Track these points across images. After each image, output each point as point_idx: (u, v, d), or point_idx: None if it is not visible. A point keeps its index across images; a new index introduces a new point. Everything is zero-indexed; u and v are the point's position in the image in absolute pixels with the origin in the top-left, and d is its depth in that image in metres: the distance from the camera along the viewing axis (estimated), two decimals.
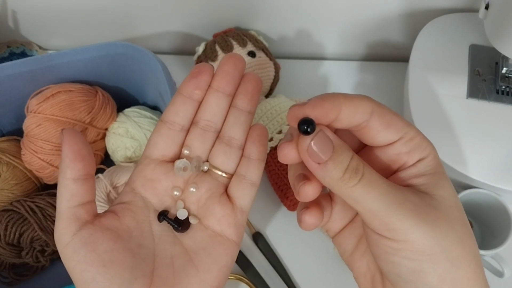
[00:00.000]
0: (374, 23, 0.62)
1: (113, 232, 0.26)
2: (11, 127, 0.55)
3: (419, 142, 0.24)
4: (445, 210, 0.23)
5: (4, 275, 0.51)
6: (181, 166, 0.28)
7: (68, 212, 0.25)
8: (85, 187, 0.26)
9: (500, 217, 0.49)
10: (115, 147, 0.53)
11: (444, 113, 0.51)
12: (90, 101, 0.51)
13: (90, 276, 0.24)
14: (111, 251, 0.25)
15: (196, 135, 0.29)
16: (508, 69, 0.52)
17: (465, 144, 0.49)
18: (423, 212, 0.22)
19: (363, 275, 0.27)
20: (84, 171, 0.25)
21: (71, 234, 0.25)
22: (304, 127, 0.22)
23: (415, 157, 0.24)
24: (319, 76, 0.67)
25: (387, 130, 0.23)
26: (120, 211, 0.27)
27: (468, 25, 0.56)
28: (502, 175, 0.48)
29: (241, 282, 0.52)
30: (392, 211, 0.22)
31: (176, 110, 0.29)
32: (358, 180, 0.22)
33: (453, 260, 0.22)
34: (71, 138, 0.25)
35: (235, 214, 0.29)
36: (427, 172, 0.24)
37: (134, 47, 0.49)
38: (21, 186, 0.52)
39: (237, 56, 0.29)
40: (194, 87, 0.29)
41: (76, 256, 0.25)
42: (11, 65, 0.48)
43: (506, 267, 0.48)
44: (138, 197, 0.28)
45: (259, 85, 0.30)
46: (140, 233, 0.27)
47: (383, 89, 0.65)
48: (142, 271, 0.26)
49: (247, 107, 0.29)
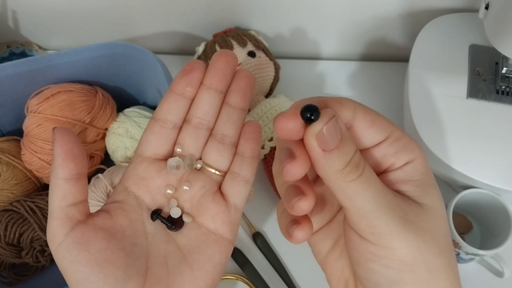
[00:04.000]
0: (374, 23, 0.62)
1: (106, 231, 0.26)
2: (11, 127, 0.55)
3: (407, 142, 0.23)
4: (431, 220, 0.22)
5: (4, 275, 0.51)
6: (174, 164, 0.28)
7: (60, 212, 0.25)
8: (77, 187, 0.25)
9: (500, 217, 0.49)
10: (115, 147, 0.53)
11: (444, 113, 0.51)
12: (90, 101, 0.51)
13: (84, 276, 0.24)
14: (104, 251, 0.25)
15: (188, 133, 0.29)
16: (508, 69, 0.52)
17: (465, 144, 0.49)
18: (410, 221, 0.22)
19: (336, 279, 0.26)
20: (76, 171, 0.25)
21: (63, 234, 0.25)
22: (307, 114, 0.20)
23: (402, 159, 0.23)
24: (319, 76, 0.67)
25: (372, 129, 0.23)
26: (113, 210, 0.27)
27: (468, 25, 0.56)
28: (502, 175, 0.48)
29: (240, 282, 0.52)
30: (383, 214, 0.21)
31: (168, 108, 0.29)
32: (358, 176, 0.21)
33: (432, 272, 0.22)
34: (62, 137, 0.25)
35: (229, 212, 0.29)
36: (415, 177, 0.23)
37: (134, 47, 0.49)
38: (21, 186, 0.52)
39: (229, 52, 0.29)
40: (186, 85, 0.28)
41: (69, 256, 0.24)
42: (11, 65, 0.48)
43: (506, 267, 0.48)
44: (131, 196, 0.28)
45: (252, 82, 0.29)
46: (133, 232, 0.27)
47: (383, 89, 0.65)
48: (136, 270, 0.26)
49: (240, 104, 0.29)
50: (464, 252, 0.48)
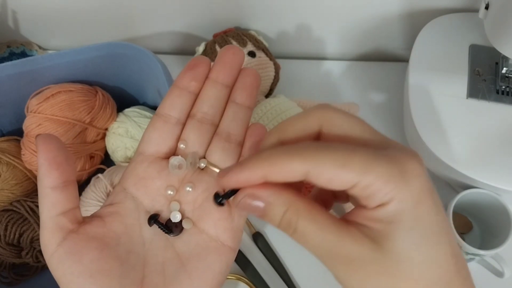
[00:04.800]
0: (374, 23, 0.62)
1: (99, 240, 0.25)
2: (11, 127, 0.55)
3: (378, 188, 0.20)
4: (390, 264, 0.21)
5: (4, 275, 0.51)
6: (176, 164, 0.27)
7: (50, 222, 0.24)
8: (65, 195, 0.24)
9: (500, 217, 0.49)
10: (115, 147, 0.53)
11: (444, 113, 0.51)
12: (90, 101, 0.51)
13: (77, 287, 0.23)
14: (97, 261, 0.24)
15: (192, 129, 0.28)
16: (508, 69, 0.52)
17: (465, 144, 0.49)
18: (354, 269, 0.21)
19: None
20: (62, 179, 0.24)
21: (55, 244, 0.24)
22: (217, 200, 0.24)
23: (374, 203, 0.21)
24: (319, 76, 0.67)
25: (339, 177, 0.20)
26: (107, 216, 0.26)
27: (468, 25, 0.56)
28: (502, 175, 0.48)
29: (240, 282, 0.52)
30: (326, 262, 0.22)
31: (171, 103, 0.28)
32: (291, 233, 0.22)
33: None
34: (45, 145, 0.24)
35: (232, 218, 0.27)
36: (385, 219, 0.21)
37: (134, 47, 0.49)
38: (21, 186, 0.52)
39: (235, 47, 0.28)
40: (191, 79, 0.28)
41: (61, 267, 0.24)
42: (11, 65, 0.48)
43: (506, 267, 0.48)
44: (128, 198, 0.27)
45: (257, 80, 0.29)
46: (129, 239, 0.26)
47: (383, 89, 0.65)
48: (131, 280, 0.25)
49: (246, 102, 0.28)
50: (464, 252, 0.48)
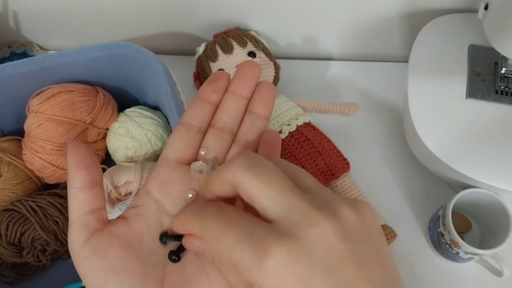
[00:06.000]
0: (374, 23, 0.62)
1: (123, 239, 0.26)
2: (12, 127, 0.55)
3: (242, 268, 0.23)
4: None
5: (5, 275, 0.51)
6: (197, 168, 0.28)
7: (78, 221, 0.26)
8: (91, 194, 0.26)
9: (499, 217, 0.49)
10: (116, 147, 0.53)
11: (444, 113, 0.51)
12: (91, 101, 0.51)
13: (101, 282, 0.25)
14: (121, 259, 0.25)
15: (213, 136, 0.30)
16: (507, 69, 0.53)
17: (465, 144, 0.49)
18: None
19: None
20: (89, 179, 0.26)
21: (81, 242, 0.26)
22: (162, 240, 0.27)
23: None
24: (319, 76, 0.67)
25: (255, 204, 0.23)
26: (131, 217, 0.28)
27: (468, 25, 0.56)
28: (502, 175, 0.48)
29: None
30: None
31: (193, 113, 0.30)
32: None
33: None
34: (73, 149, 0.26)
35: None
36: None
37: (134, 47, 0.50)
38: (22, 186, 0.52)
39: (253, 63, 0.30)
40: (212, 91, 0.30)
41: (87, 264, 0.25)
42: (12, 65, 0.48)
43: (505, 266, 0.48)
44: (152, 200, 0.28)
45: (273, 92, 0.31)
46: (151, 239, 0.27)
47: (383, 89, 0.65)
48: (152, 278, 0.26)
49: (263, 112, 0.30)
50: (464, 252, 0.48)
